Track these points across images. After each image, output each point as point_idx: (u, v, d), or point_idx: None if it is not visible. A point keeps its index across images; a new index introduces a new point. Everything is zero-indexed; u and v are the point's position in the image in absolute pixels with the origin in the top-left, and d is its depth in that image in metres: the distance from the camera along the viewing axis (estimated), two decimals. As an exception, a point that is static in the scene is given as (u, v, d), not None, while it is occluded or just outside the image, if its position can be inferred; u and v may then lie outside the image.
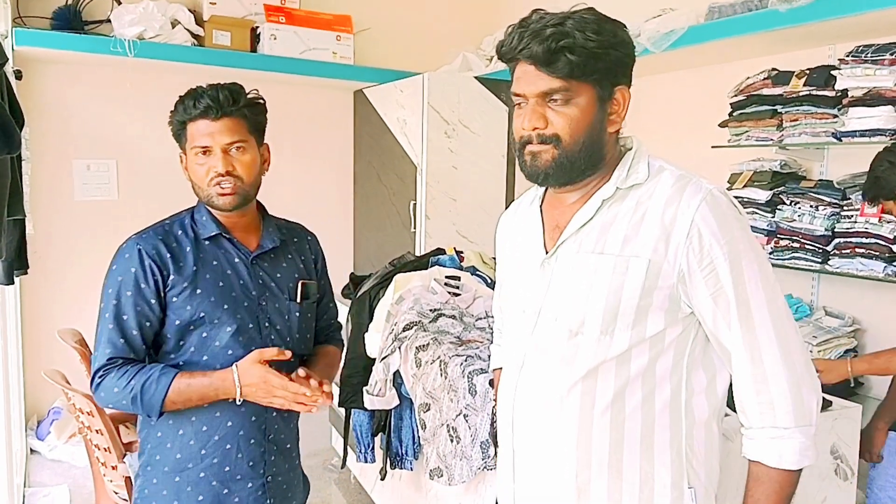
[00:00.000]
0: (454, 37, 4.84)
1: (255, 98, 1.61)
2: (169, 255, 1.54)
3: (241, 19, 4.17)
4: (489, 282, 2.91)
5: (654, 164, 1.25)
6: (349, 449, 2.99)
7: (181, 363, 1.55)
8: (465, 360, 2.26)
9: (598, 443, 1.22)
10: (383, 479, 2.77)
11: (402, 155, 4.24)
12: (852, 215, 2.66)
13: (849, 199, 2.70)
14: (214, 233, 1.60)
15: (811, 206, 2.77)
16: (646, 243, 1.18)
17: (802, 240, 2.79)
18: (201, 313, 1.54)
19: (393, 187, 4.42)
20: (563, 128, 1.20)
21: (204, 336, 1.54)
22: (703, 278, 1.16)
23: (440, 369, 2.32)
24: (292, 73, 4.25)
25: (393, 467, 2.69)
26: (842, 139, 2.63)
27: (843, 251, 2.66)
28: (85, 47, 3.69)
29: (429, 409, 2.35)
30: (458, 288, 2.81)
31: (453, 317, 2.64)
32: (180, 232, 1.59)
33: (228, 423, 1.56)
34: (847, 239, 2.66)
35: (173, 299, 1.53)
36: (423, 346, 2.45)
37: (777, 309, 1.18)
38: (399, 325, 2.61)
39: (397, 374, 2.56)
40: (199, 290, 1.54)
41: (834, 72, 2.65)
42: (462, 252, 3.17)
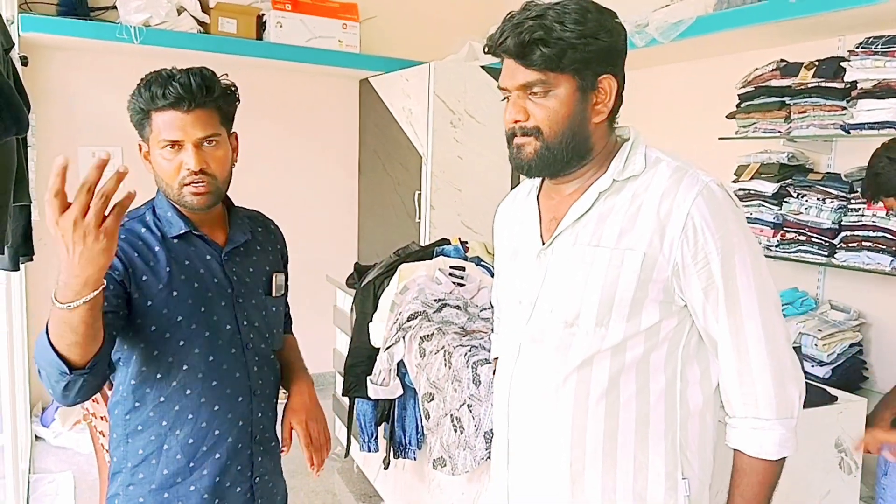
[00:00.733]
0: (460, 26, 4.81)
1: (228, 86, 1.47)
2: (136, 254, 1.41)
3: (246, 7, 4.17)
4: (493, 272, 2.90)
5: (651, 156, 1.24)
6: (353, 438, 3.00)
7: (159, 375, 1.43)
8: (470, 350, 2.26)
9: (593, 432, 1.22)
10: (386, 469, 2.78)
11: (408, 144, 4.23)
12: (859, 208, 2.65)
13: (856, 192, 2.69)
14: (184, 231, 1.46)
15: (818, 199, 2.76)
16: (641, 236, 1.18)
17: (809, 233, 2.78)
18: (178, 317, 1.42)
19: (398, 177, 4.41)
20: (543, 120, 1.21)
21: (182, 344, 1.43)
22: (697, 272, 1.16)
23: (444, 359, 2.32)
24: (298, 62, 4.25)
25: (396, 457, 2.69)
26: (850, 131, 2.62)
27: (850, 244, 2.65)
28: (90, 33, 3.70)
29: (433, 399, 2.35)
30: (462, 278, 2.81)
31: (458, 307, 2.65)
32: (144, 230, 1.45)
33: (216, 431, 1.48)
34: (854, 232, 2.65)
35: (148, 303, 1.40)
36: (428, 335, 2.45)
37: (767, 303, 1.18)
38: (403, 314, 2.61)
39: (401, 363, 2.57)
40: (174, 293, 1.42)
41: (843, 63, 2.63)
42: (467, 242, 3.17)
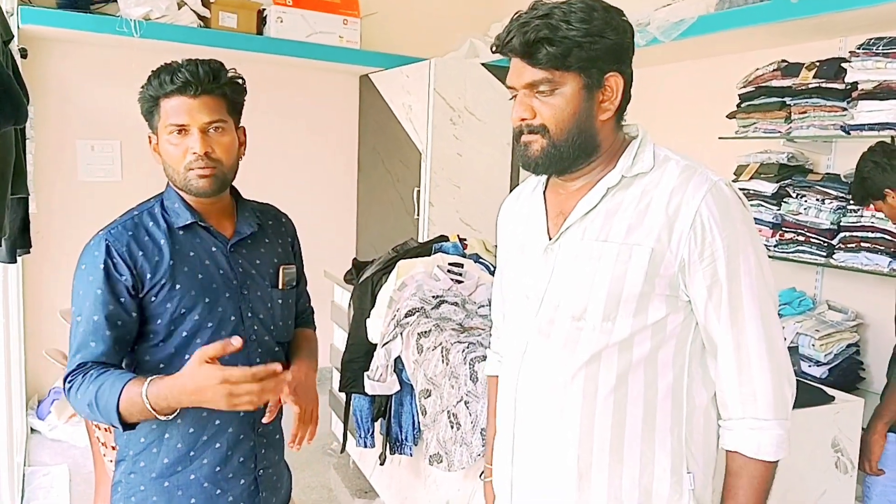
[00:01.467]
0: (461, 23, 4.81)
1: (235, 76, 1.50)
2: (141, 253, 1.44)
3: (247, 1, 4.16)
4: (492, 269, 2.90)
5: (660, 154, 1.25)
6: (349, 434, 2.99)
7: (162, 365, 1.45)
8: (467, 346, 2.26)
9: (601, 428, 1.23)
10: (382, 465, 2.78)
11: (407, 141, 4.23)
12: (858, 209, 2.65)
13: (854, 193, 2.69)
14: (189, 221, 1.48)
15: (817, 200, 2.76)
16: (649, 232, 1.19)
17: (808, 233, 2.78)
18: (182, 309, 1.44)
19: (397, 173, 4.41)
20: (549, 118, 1.21)
21: (185, 335, 1.45)
22: (702, 269, 1.18)
23: (442, 356, 2.32)
24: (298, 57, 4.24)
25: (392, 452, 2.70)
26: (850, 132, 2.62)
27: (849, 245, 2.66)
28: (90, 26, 3.69)
29: (430, 395, 2.35)
30: (461, 275, 2.80)
31: (456, 304, 2.64)
32: (151, 223, 1.48)
33: (217, 421, 1.48)
34: (853, 233, 2.65)
35: (152, 299, 1.43)
36: (425, 332, 2.45)
37: (768, 304, 1.20)
38: (401, 311, 2.61)
39: (398, 359, 2.57)
40: (177, 286, 1.44)
41: (844, 64, 2.63)
42: (465, 239, 3.17)
